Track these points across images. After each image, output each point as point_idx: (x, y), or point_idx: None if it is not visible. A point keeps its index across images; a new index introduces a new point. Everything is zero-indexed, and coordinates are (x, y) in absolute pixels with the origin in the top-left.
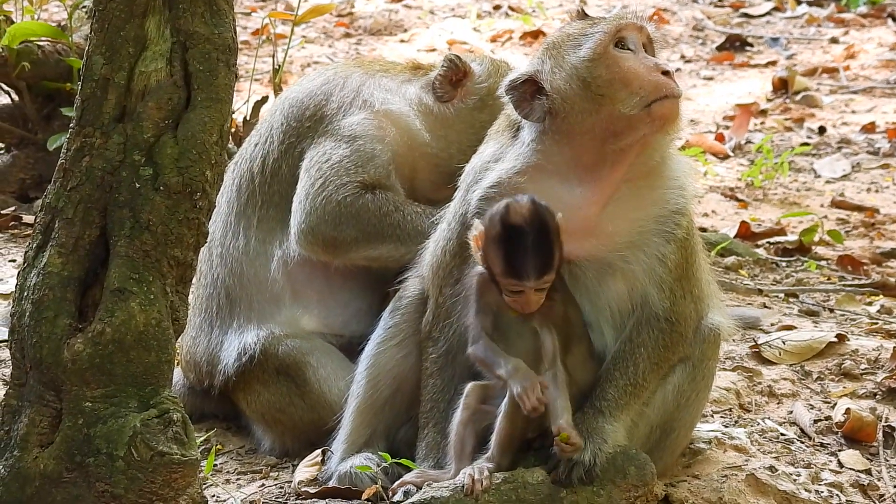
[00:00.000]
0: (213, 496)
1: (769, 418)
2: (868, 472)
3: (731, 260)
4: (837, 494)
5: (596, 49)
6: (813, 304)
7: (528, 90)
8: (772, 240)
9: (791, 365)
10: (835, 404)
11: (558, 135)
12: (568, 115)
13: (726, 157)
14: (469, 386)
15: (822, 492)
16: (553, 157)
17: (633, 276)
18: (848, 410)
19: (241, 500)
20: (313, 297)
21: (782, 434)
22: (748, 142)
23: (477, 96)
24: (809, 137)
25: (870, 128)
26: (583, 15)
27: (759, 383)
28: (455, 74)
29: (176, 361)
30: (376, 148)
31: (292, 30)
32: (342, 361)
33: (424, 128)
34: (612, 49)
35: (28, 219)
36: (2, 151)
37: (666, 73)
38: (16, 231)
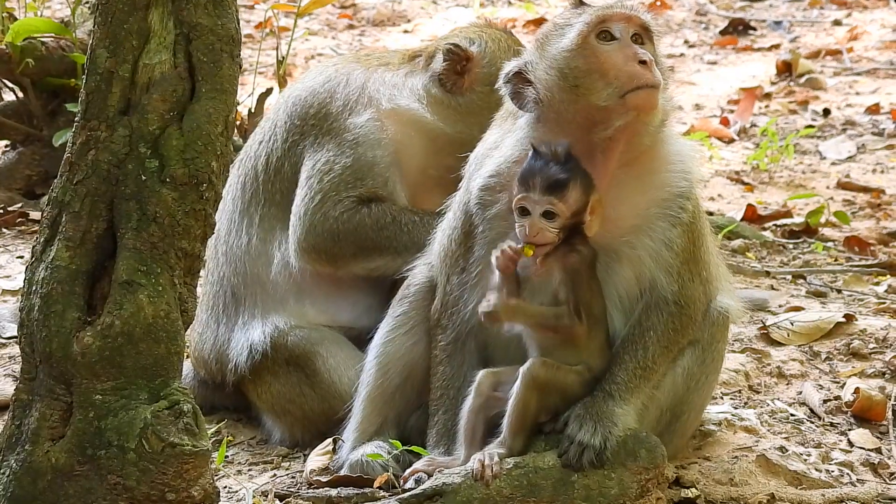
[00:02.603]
0: (226, 487)
1: (778, 399)
2: (878, 450)
3: (738, 243)
4: (848, 473)
5: (575, 40)
6: (820, 285)
7: (520, 81)
8: (778, 222)
9: (799, 346)
10: (844, 384)
11: (549, 124)
12: (551, 105)
13: (731, 140)
14: (481, 373)
15: (832, 471)
16: None
17: (639, 262)
18: (857, 390)
19: (254, 491)
20: (320, 296)
21: (792, 415)
22: (753, 125)
23: (486, 79)
24: (814, 120)
25: (874, 109)
26: (578, 4)
27: (768, 364)
28: (458, 62)
29: (186, 354)
30: (377, 154)
31: (295, 21)
32: (352, 351)
33: (438, 118)
34: (592, 40)
35: (35, 215)
36: (7, 148)
37: (643, 62)
38: (23, 227)
